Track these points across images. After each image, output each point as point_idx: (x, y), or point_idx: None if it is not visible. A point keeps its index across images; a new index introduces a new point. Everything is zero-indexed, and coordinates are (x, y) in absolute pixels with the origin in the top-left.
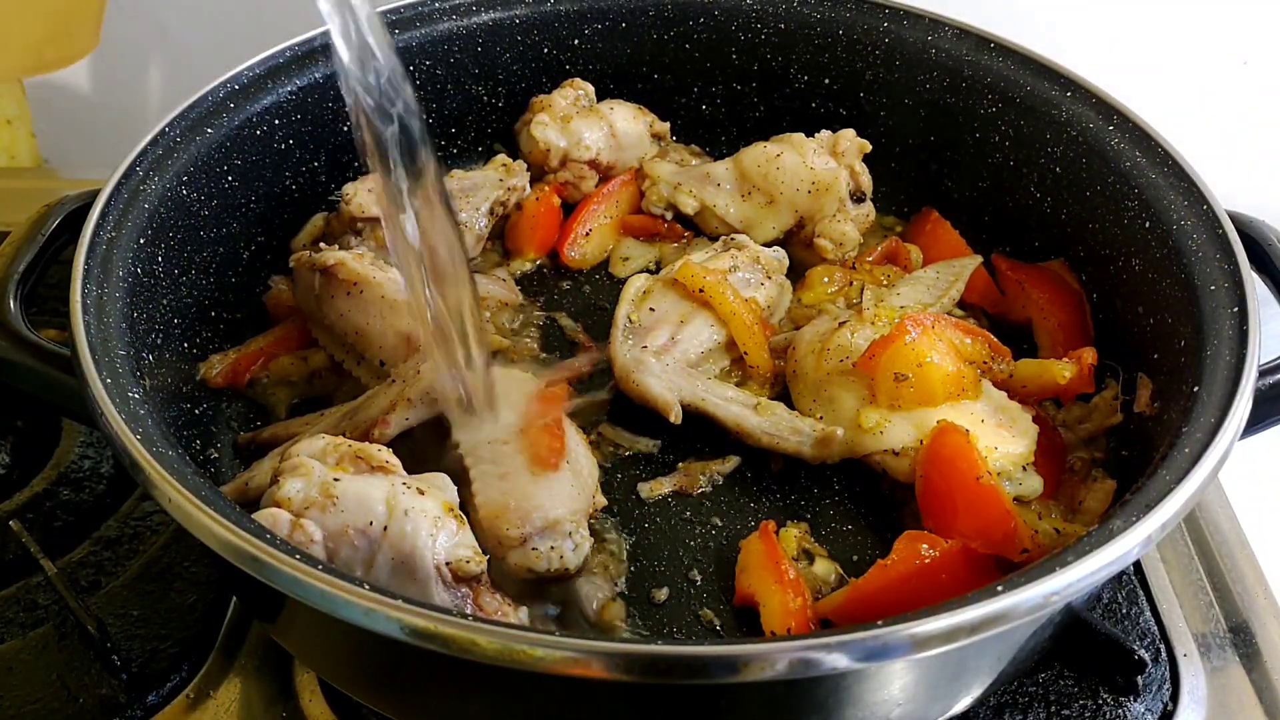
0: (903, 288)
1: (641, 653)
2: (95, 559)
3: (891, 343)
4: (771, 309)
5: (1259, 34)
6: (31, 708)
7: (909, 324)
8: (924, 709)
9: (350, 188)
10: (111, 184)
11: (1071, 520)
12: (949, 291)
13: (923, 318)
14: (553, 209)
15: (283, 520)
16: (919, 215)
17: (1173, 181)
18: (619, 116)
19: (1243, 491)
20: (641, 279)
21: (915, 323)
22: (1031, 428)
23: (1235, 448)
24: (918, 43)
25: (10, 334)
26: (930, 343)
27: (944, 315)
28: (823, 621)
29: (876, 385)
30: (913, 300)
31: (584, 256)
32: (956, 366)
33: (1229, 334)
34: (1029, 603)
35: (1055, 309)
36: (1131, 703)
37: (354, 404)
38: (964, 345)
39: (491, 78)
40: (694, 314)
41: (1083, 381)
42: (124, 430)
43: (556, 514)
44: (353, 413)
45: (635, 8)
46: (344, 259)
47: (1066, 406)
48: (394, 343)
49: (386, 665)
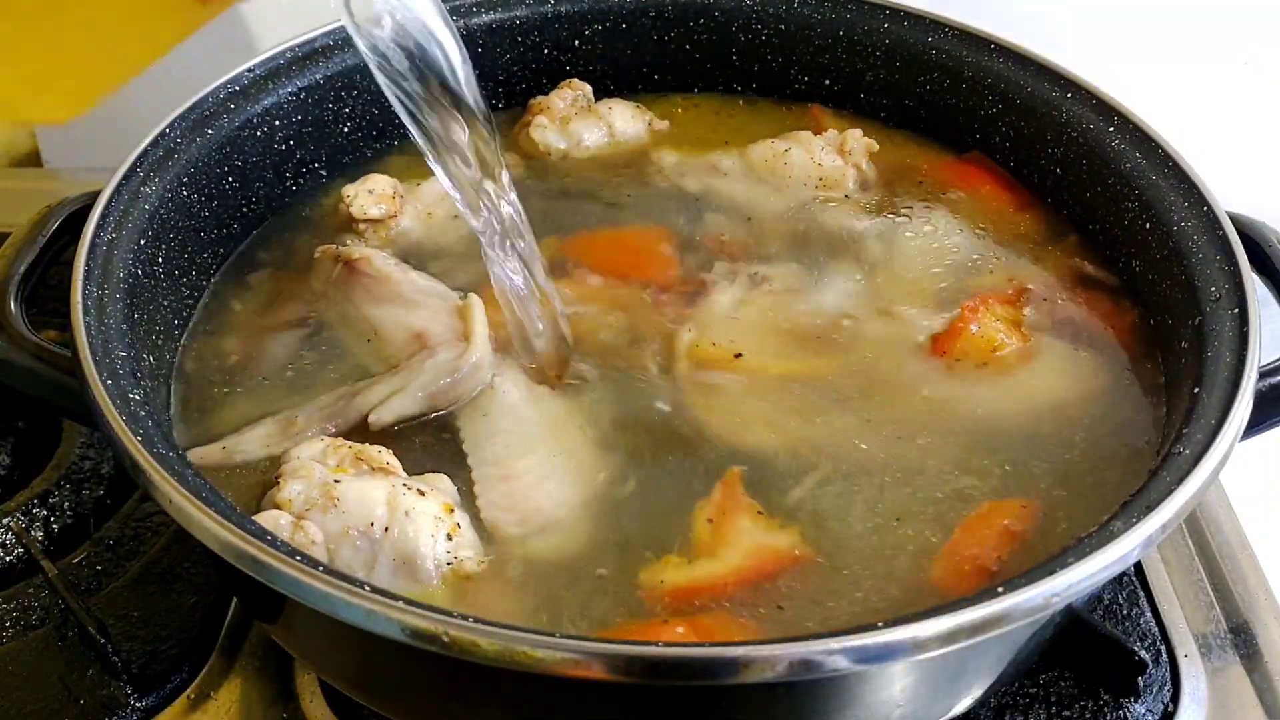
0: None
1: (642, 654)
2: (96, 560)
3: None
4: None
5: (1259, 34)
6: (31, 709)
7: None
8: (925, 710)
9: (351, 189)
10: (112, 185)
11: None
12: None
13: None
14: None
15: (284, 522)
16: None
17: (1173, 183)
18: (618, 116)
19: (1243, 492)
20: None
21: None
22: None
23: (1236, 449)
24: (918, 43)
25: (11, 335)
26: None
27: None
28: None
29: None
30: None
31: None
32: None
33: (1229, 335)
34: (1030, 604)
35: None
36: (1132, 704)
37: (353, 386)
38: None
39: (491, 78)
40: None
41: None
42: (124, 431)
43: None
44: (351, 394)
45: (636, 9)
46: (369, 255)
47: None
48: (404, 339)
49: (387, 666)
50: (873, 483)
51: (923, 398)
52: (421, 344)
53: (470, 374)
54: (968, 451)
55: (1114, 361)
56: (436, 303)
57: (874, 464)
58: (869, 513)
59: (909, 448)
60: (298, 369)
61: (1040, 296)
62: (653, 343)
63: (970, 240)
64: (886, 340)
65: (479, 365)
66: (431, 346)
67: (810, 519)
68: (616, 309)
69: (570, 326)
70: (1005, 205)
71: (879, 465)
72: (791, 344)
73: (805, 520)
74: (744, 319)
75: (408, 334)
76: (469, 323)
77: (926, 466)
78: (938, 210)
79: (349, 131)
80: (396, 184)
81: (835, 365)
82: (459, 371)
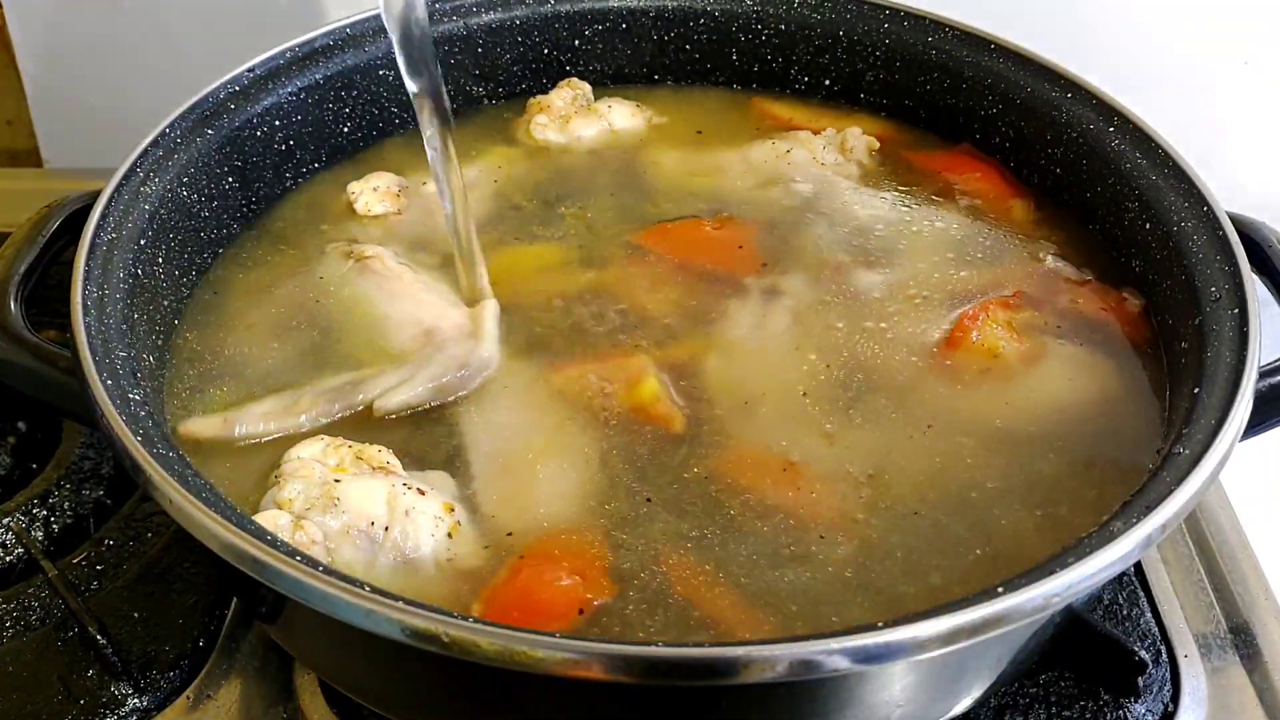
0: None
1: (642, 654)
2: (96, 560)
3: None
4: None
5: (1259, 34)
6: (31, 709)
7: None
8: (925, 710)
9: (355, 185)
10: (112, 185)
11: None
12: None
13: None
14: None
15: (284, 522)
16: None
17: (1173, 183)
18: (617, 115)
19: (1243, 492)
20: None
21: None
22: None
23: (1236, 449)
24: (918, 43)
25: (11, 335)
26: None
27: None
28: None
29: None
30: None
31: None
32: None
33: (1229, 335)
34: (1030, 604)
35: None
36: (1132, 704)
37: (360, 373)
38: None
39: (492, 78)
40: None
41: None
42: (124, 432)
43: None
44: (357, 380)
45: (636, 9)
46: (382, 253)
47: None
48: (414, 334)
49: (387, 666)
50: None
51: (924, 401)
52: (430, 339)
53: (478, 369)
54: (969, 453)
55: (1113, 362)
56: (446, 302)
57: (875, 465)
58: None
59: (910, 449)
60: (299, 364)
61: (1039, 298)
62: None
63: (970, 240)
64: (889, 345)
65: (488, 361)
66: (440, 342)
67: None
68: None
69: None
70: (1004, 200)
71: (881, 466)
72: (791, 348)
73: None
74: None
75: (417, 329)
76: (480, 321)
77: (930, 469)
78: (938, 209)
79: (349, 131)
80: (402, 181)
81: (837, 370)
82: (468, 366)
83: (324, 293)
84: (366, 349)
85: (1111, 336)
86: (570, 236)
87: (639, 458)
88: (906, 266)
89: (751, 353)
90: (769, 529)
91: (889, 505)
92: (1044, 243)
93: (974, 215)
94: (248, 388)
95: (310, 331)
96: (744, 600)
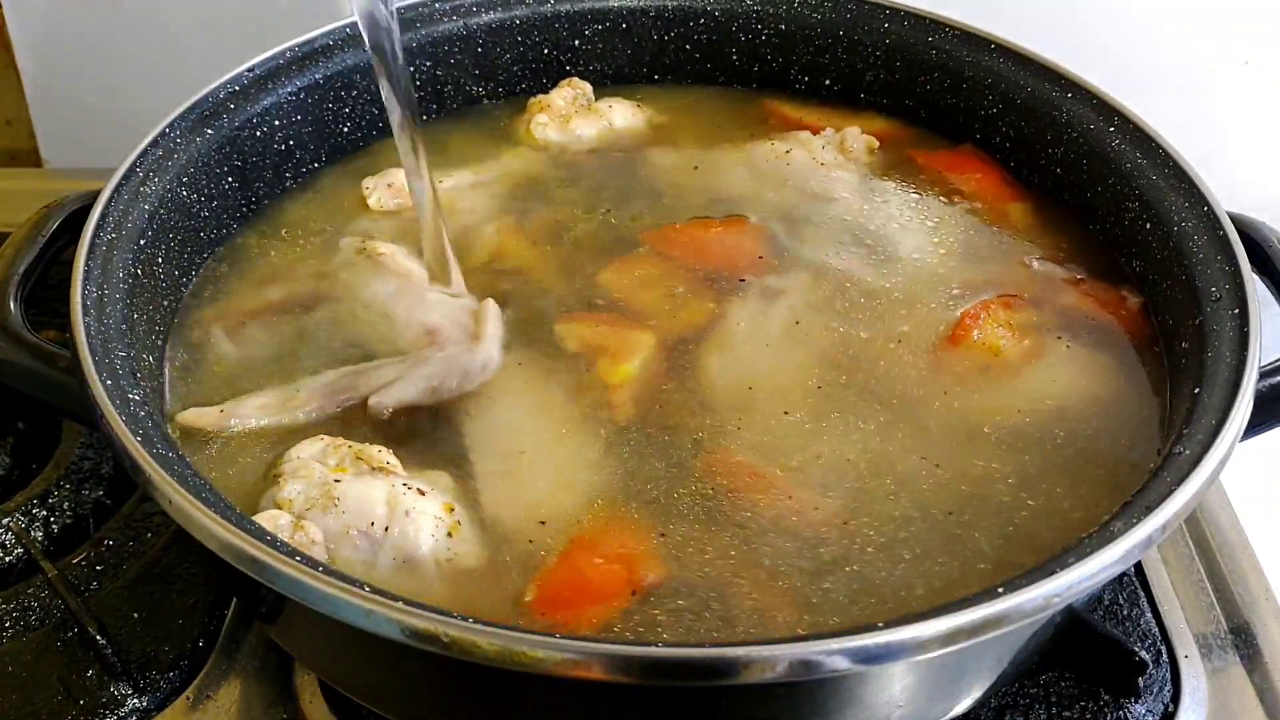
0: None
1: (642, 654)
2: (96, 560)
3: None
4: None
5: (1259, 34)
6: (31, 709)
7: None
8: (925, 710)
9: (370, 181)
10: (112, 185)
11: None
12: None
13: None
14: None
15: (284, 522)
16: None
17: (1173, 183)
18: (617, 114)
19: (1243, 492)
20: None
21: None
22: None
23: (1236, 449)
24: (918, 43)
25: (10, 335)
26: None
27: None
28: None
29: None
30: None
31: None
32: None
33: (1230, 335)
34: (1030, 604)
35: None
36: (1132, 704)
37: (359, 367)
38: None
39: (492, 78)
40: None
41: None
42: (124, 432)
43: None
44: (355, 374)
45: (636, 9)
46: (394, 252)
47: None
48: (417, 333)
49: (387, 666)
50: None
51: (925, 400)
52: (432, 339)
53: (477, 370)
54: (970, 452)
55: (1114, 361)
56: (451, 305)
57: (875, 464)
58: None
59: (913, 449)
60: (300, 361)
61: (1040, 298)
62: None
63: (971, 239)
64: (890, 343)
65: (487, 363)
66: (441, 341)
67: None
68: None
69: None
70: (1005, 200)
71: (881, 467)
72: (794, 349)
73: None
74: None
75: (420, 328)
76: (481, 323)
77: (930, 468)
78: (939, 208)
79: (349, 131)
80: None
81: (840, 372)
82: (466, 367)
83: (328, 290)
84: (370, 346)
85: (1112, 336)
86: (570, 236)
87: (644, 459)
88: (907, 265)
89: (750, 352)
90: (769, 528)
91: (888, 505)
92: (1044, 242)
93: (975, 214)
94: (247, 384)
95: (313, 328)
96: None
